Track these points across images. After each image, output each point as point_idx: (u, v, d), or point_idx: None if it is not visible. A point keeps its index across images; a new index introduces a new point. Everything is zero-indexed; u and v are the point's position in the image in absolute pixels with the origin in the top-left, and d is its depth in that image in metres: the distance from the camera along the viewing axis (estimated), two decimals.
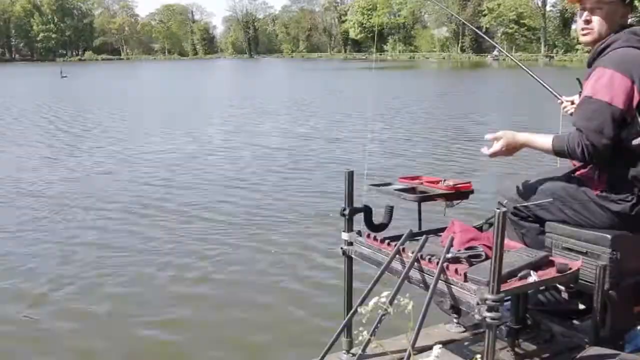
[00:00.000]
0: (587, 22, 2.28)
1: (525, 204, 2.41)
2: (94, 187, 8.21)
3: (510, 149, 2.31)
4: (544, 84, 2.99)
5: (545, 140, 2.25)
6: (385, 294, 1.96)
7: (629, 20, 2.38)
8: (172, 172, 9.17)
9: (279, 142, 12.09)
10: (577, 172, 2.37)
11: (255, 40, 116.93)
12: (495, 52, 74.19)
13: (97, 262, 5.25)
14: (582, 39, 2.35)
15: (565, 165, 2.56)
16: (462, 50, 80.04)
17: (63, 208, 7.07)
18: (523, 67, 3.22)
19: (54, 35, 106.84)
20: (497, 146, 2.31)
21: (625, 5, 2.27)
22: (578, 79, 2.54)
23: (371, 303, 1.95)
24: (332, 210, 6.43)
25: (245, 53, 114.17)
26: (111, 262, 5.26)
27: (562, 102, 2.80)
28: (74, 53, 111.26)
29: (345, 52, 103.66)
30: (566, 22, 65.87)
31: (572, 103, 2.71)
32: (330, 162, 9.80)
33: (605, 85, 2.10)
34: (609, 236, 2.18)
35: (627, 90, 2.09)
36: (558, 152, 2.22)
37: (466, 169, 9.03)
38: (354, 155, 10.26)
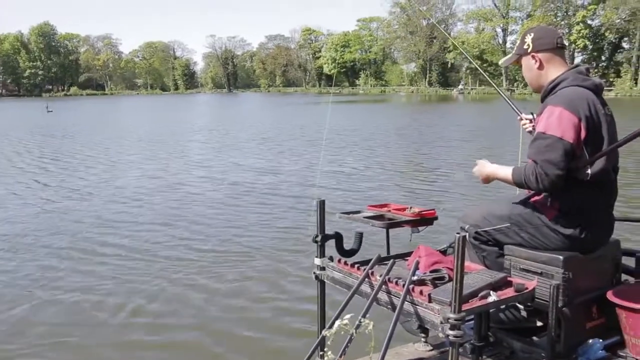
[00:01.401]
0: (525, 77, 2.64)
1: (486, 229, 2.57)
2: (48, 222, 8.11)
3: (483, 177, 2.61)
4: (508, 101, 3.24)
5: (506, 172, 2.47)
6: (347, 316, 2.08)
7: (578, 60, 2.64)
8: (138, 206, 9.04)
9: (248, 175, 12.06)
10: (532, 199, 2.56)
11: (234, 75, 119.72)
12: (461, 86, 76.33)
13: (54, 297, 5.21)
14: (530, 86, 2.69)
15: (522, 193, 2.75)
16: (430, 84, 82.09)
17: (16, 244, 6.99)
18: (495, 86, 3.77)
19: (40, 72, 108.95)
20: (473, 170, 2.67)
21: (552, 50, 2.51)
22: (532, 113, 2.80)
23: (335, 326, 2.06)
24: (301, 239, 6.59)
25: (225, 88, 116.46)
26: (72, 306, 5.16)
27: (521, 119, 3.01)
28: (60, 88, 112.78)
29: (320, 86, 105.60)
30: None
31: (530, 121, 2.93)
32: (293, 193, 9.87)
33: (556, 121, 2.29)
34: (561, 257, 2.35)
35: (575, 126, 2.29)
36: (517, 183, 2.41)
37: (432, 195, 9.28)
38: (320, 183, 10.45)
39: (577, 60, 64.91)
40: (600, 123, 2.35)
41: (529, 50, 2.54)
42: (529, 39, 2.55)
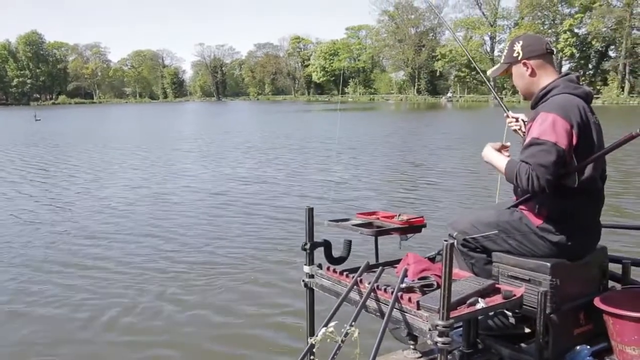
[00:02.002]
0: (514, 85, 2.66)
1: (474, 235, 2.58)
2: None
3: (486, 159, 2.60)
4: (497, 97, 3.28)
5: (501, 161, 2.50)
6: (332, 324, 2.08)
7: (565, 68, 2.68)
8: (119, 217, 8.92)
9: (232, 185, 11.95)
10: (520, 207, 2.57)
11: (222, 83, 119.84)
12: (449, 94, 76.88)
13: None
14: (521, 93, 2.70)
15: (509, 200, 2.77)
16: (418, 92, 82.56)
17: None
18: (485, 80, 3.69)
19: (28, 81, 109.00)
20: (483, 152, 2.64)
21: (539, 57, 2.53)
22: (523, 120, 2.82)
23: (320, 333, 2.06)
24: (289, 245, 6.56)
25: (214, 96, 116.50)
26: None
27: (508, 116, 3.00)
28: (48, 97, 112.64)
29: (309, 94, 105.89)
30: None
31: (517, 120, 2.94)
32: (279, 203, 9.82)
33: (550, 127, 2.31)
34: (548, 264, 2.36)
35: (567, 132, 2.32)
36: (508, 176, 2.42)
37: (420, 203, 9.30)
38: (308, 192, 10.43)
39: (565, 68, 65.63)
40: (590, 131, 2.38)
41: (519, 58, 2.56)
42: (518, 47, 2.56)
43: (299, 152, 17.75)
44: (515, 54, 2.57)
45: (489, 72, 2.84)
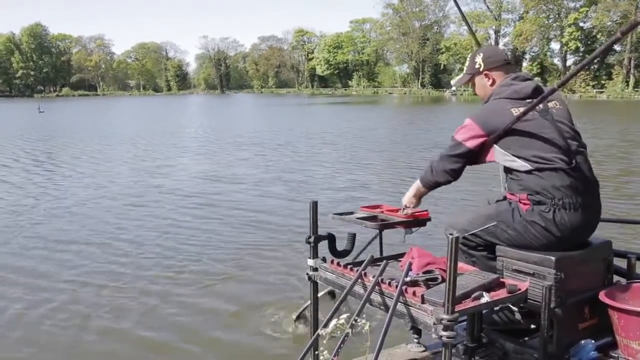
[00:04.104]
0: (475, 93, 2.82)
1: (473, 231, 2.58)
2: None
3: (411, 201, 2.88)
4: None
5: (417, 182, 2.83)
6: (344, 316, 2.08)
7: (570, 62, 2.74)
8: (127, 208, 8.86)
9: (239, 177, 12.09)
10: (509, 197, 2.61)
11: (226, 76, 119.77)
12: (454, 88, 76.61)
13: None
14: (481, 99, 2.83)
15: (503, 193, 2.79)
16: (422, 86, 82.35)
17: None
18: None
19: (32, 72, 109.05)
20: (403, 202, 2.90)
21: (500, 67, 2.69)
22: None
23: (331, 325, 2.06)
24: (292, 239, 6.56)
25: (217, 89, 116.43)
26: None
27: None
28: (52, 89, 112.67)
29: (313, 87, 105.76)
30: (518, 59, 68.64)
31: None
32: (283, 195, 9.87)
33: (462, 129, 2.60)
34: (553, 258, 2.36)
35: (476, 135, 2.55)
36: (423, 182, 2.79)
37: (425, 197, 9.25)
38: (310, 186, 10.43)
39: (570, 62, 65.50)
40: (529, 122, 2.46)
41: (481, 69, 2.71)
42: (479, 59, 2.72)
43: (303, 144, 17.73)
44: (477, 66, 2.72)
45: (452, 82, 3.06)
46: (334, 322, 2.05)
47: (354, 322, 2.09)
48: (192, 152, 16.73)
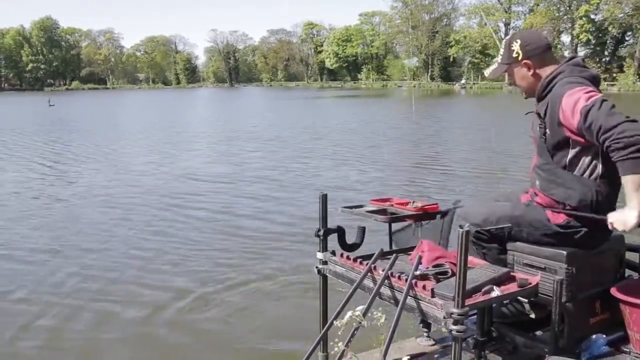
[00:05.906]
0: (512, 83, 2.53)
1: (487, 227, 2.53)
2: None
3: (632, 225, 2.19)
4: None
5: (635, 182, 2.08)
6: (359, 308, 2.09)
7: (581, 54, 2.59)
8: (133, 205, 8.84)
9: (249, 171, 12.11)
10: (537, 201, 2.49)
11: (235, 69, 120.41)
12: (463, 81, 76.24)
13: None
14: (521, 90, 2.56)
15: (520, 190, 2.74)
16: (432, 79, 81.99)
17: None
18: None
19: (42, 66, 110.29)
20: (615, 226, 2.21)
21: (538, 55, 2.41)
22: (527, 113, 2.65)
23: (347, 316, 2.06)
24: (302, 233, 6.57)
25: (226, 82, 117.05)
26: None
27: None
28: (62, 83, 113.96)
29: (322, 80, 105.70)
30: None
31: None
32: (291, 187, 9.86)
33: (586, 94, 2.18)
34: (564, 252, 2.34)
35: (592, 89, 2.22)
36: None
37: (435, 190, 9.25)
38: (318, 180, 10.43)
39: (580, 54, 64.71)
40: None
41: (519, 58, 2.42)
42: (516, 47, 2.42)
43: (314, 139, 17.72)
44: (514, 54, 2.43)
45: (486, 73, 2.68)
46: (349, 313, 2.05)
47: (363, 314, 2.09)
48: (206, 150, 16.67)
